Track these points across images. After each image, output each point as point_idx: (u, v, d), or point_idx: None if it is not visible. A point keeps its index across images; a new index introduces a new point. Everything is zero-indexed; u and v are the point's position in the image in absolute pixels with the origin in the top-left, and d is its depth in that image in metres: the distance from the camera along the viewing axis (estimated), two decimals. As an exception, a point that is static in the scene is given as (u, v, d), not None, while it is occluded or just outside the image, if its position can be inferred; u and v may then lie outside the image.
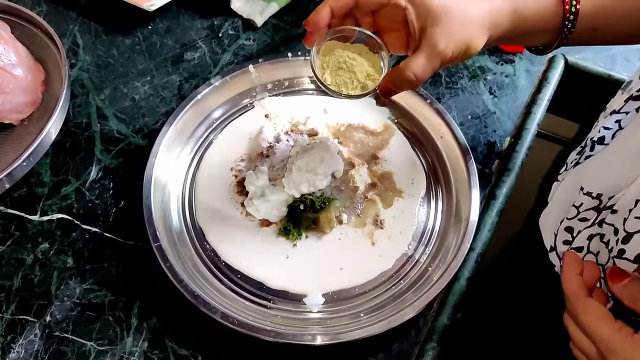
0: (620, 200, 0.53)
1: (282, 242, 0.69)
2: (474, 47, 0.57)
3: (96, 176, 0.74)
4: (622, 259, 0.51)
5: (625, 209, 0.52)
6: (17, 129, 0.75)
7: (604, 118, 0.63)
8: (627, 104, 0.58)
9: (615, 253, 0.52)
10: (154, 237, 0.64)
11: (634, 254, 0.50)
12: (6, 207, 0.71)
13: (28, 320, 0.64)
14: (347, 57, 0.61)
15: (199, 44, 0.87)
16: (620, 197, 0.53)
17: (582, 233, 0.58)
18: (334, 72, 0.61)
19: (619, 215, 0.53)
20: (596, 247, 0.56)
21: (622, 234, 0.52)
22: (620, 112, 0.58)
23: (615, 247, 0.53)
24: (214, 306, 0.60)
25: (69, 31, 0.87)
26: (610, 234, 0.54)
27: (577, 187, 0.59)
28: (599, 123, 0.63)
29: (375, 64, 0.62)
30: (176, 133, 0.73)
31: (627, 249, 0.51)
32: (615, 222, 0.53)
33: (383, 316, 0.61)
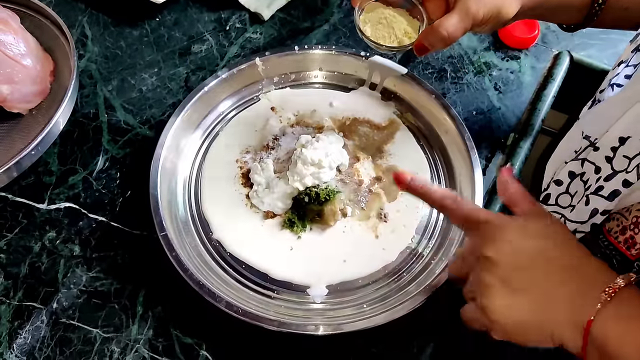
0: (602, 138, 0.54)
1: (286, 234, 0.69)
2: (505, 13, 0.60)
3: (103, 166, 0.75)
4: (598, 195, 0.53)
5: (607, 146, 0.53)
6: (26, 119, 0.75)
7: (612, 70, 0.63)
8: (635, 55, 0.58)
9: (593, 190, 0.53)
10: (160, 227, 0.65)
11: (610, 191, 0.51)
12: (14, 195, 0.72)
13: (35, 307, 0.65)
14: (388, 14, 0.68)
15: (206, 37, 0.87)
16: (604, 135, 0.54)
17: (566, 167, 0.59)
18: (374, 26, 0.68)
19: (600, 153, 0.54)
20: (575, 188, 0.58)
21: (606, 172, 0.53)
22: (629, 64, 0.58)
23: (593, 185, 0.54)
24: (218, 295, 0.60)
25: (78, 22, 0.88)
26: (590, 173, 0.55)
27: (579, 133, 0.60)
28: (609, 75, 0.64)
29: (414, 26, 0.68)
30: (183, 124, 0.73)
31: (605, 186, 0.52)
32: (597, 160, 0.54)
33: (385, 308, 0.61)
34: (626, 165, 0.51)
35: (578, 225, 0.55)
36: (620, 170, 0.51)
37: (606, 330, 0.41)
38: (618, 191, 0.51)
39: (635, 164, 0.50)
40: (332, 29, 0.89)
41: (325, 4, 0.91)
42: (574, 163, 0.59)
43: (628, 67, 0.58)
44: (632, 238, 0.49)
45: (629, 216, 0.50)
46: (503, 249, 0.45)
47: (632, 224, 0.49)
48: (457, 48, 0.87)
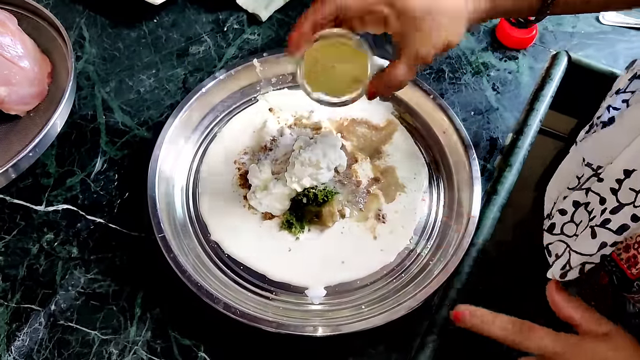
0: (607, 169, 0.54)
1: (284, 235, 0.69)
2: (454, 42, 0.59)
3: (101, 168, 0.75)
4: (605, 228, 0.52)
5: (612, 178, 0.53)
6: (24, 120, 0.75)
7: (609, 97, 0.63)
8: (631, 82, 0.58)
9: (599, 222, 0.53)
10: (158, 228, 0.65)
11: (618, 225, 0.51)
12: (12, 197, 0.72)
13: (33, 309, 0.65)
14: (331, 62, 0.62)
15: (204, 38, 0.87)
16: (607, 167, 0.54)
17: (570, 196, 0.59)
18: (318, 80, 0.63)
19: (604, 184, 0.53)
20: (580, 217, 0.57)
21: (612, 204, 0.52)
22: (626, 91, 0.58)
23: (599, 216, 0.53)
24: (216, 297, 0.60)
25: (76, 24, 0.88)
26: (595, 203, 0.54)
27: (580, 159, 0.59)
28: (605, 102, 0.64)
29: (362, 62, 0.61)
30: (181, 126, 0.73)
31: (612, 219, 0.51)
32: (602, 191, 0.54)
33: (384, 308, 0.61)
34: (633, 199, 0.50)
35: (587, 258, 0.54)
36: (627, 203, 0.51)
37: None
38: (627, 225, 0.50)
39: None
40: (330, 29, 0.88)
41: (323, 5, 0.91)
42: (578, 193, 0.58)
43: (625, 93, 0.58)
44: (634, 257, 0.49)
45: (633, 235, 0.50)
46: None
47: (636, 242, 0.49)
48: (455, 49, 0.87)
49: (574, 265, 0.56)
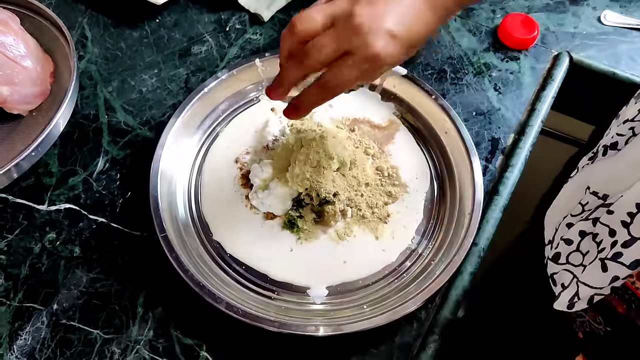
0: (618, 202, 0.53)
1: (286, 235, 0.69)
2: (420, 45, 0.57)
3: (103, 167, 0.75)
4: (617, 262, 0.51)
5: (623, 211, 0.52)
6: (26, 120, 0.75)
7: (616, 126, 0.63)
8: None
9: (610, 255, 0.52)
10: (160, 228, 0.65)
11: (631, 260, 0.50)
12: (14, 196, 0.72)
13: (35, 308, 0.65)
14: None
15: (206, 38, 0.87)
16: (618, 199, 0.53)
17: (575, 226, 0.58)
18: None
19: (614, 216, 0.53)
20: (587, 247, 0.56)
21: (624, 237, 0.51)
22: (635, 120, 0.58)
23: (609, 249, 0.52)
24: (218, 296, 0.60)
25: (78, 24, 0.88)
26: (604, 235, 0.54)
27: (584, 186, 0.59)
28: (612, 130, 0.63)
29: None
30: (183, 125, 0.73)
31: (625, 253, 0.51)
32: (611, 223, 0.53)
33: (386, 308, 0.61)
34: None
35: (597, 290, 0.54)
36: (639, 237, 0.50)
37: None
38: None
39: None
40: (331, 30, 0.88)
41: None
42: (583, 223, 0.57)
43: (634, 122, 0.58)
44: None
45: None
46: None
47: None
48: (456, 49, 0.87)
49: (583, 297, 0.55)
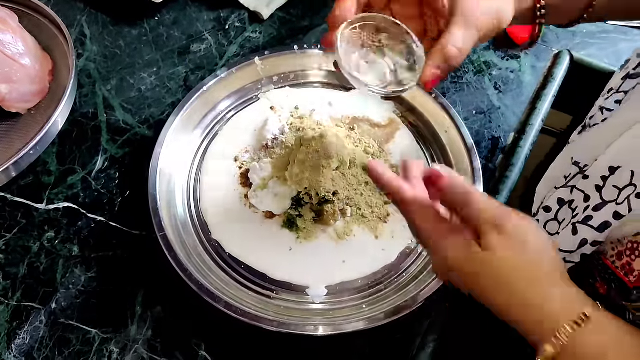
0: (592, 167, 0.54)
1: (285, 234, 0.69)
2: (504, 19, 0.55)
3: (102, 166, 0.75)
4: (587, 225, 0.52)
5: (597, 175, 0.53)
6: (25, 118, 0.75)
7: (604, 99, 0.63)
8: (624, 82, 0.58)
9: (581, 219, 0.53)
10: (159, 227, 0.65)
11: (600, 222, 0.51)
12: (13, 195, 0.72)
13: (34, 307, 0.65)
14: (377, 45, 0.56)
15: (205, 36, 0.87)
16: (593, 164, 0.54)
17: (555, 193, 0.59)
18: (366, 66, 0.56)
19: (589, 181, 0.54)
20: (563, 215, 0.57)
21: (595, 201, 0.52)
22: (619, 91, 0.58)
23: (581, 213, 0.53)
24: (217, 296, 0.60)
25: (77, 22, 0.88)
26: (580, 201, 0.55)
27: (569, 158, 0.60)
28: (598, 102, 0.64)
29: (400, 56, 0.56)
30: (182, 124, 0.73)
31: (595, 216, 0.51)
32: (587, 188, 0.54)
33: (385, 308, 0.61)
34: (616, 196, 0.50)
35: (567, 255, 0.55)
36: (610, 200, 0.51)
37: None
38: (609, 223, 0.50)
39: (625, 195, 0.49)
40: (331, 28, 0.88)
41: (324, 3, 0.91)
42: (563, 190, 0.58)
43: (618, 93, 0.58)
44: (629, 264, 0.49)
45: (624, 241, 0.50)
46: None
47: (628, 249, 0.49)
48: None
49: None
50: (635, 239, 0.48)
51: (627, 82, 0.58)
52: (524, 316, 0.44)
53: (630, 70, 0.59)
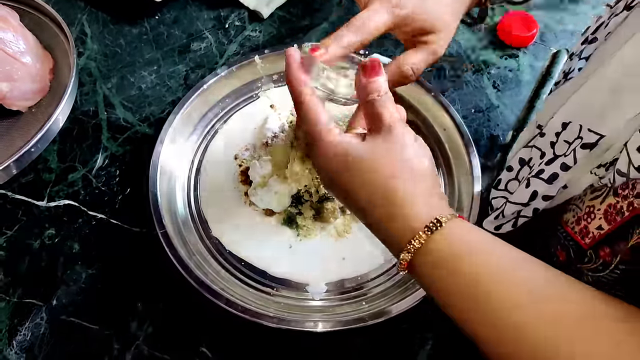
0: (549, 124, 0.56)
1: (285, 232, 0.69)
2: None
3: (103, 163, 0.75)
4: (538, 178, 0.54)
5: (552, 132, 0.55)
6: (25, 116, 0.75)
7: (565, 62, 0.65)
8: (584, 47, 0.60)
9: (534, 173, 0.55)
10: (160, 224, 0.65)
11: (549, 174, 0.53)
12: (14, 192, 0.72)
13: (35, 304, 0.65)
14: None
15: (205, 35, 0.87)
16: (550, 121, 0.56)
17: (517, 154, 0.61)
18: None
19: (545, 138, 0.56)
20: (523, 174, 0.60)
21: (548, 157, 0.54)
22: (581, 57, 0.60)
23: (536, 168, 0.55)
24: (218, 292, 0.61)
25: (77, 20, 0.88)
26: (536, 158, 0.57)
27: (534, 124, 0.62)
28: (563, 68, 0.65)
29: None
30: (182, 122, 0.73)
31: (546, 169, 0.54)
32: (543, 145, 0.56)
33: (384, 305, 0.62)
34: (565, 150, 0.52)
35: (520, 207, 0.57)
36: (560, 154, 0.53)
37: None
38: (556, 174, 0.52)
39: (573, 148, 0.51)
40: (331, 27, 0.89)
41: (324, 2, 0.91)
42: (524, 150, 0.60)
43: (581, 60, 0.59)
44: (586, 228, 0.50)
45: (582, 206, 0.51)
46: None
47: (585, 214, 0.50)
48: (455, 46, 0.87)
49: (507, 214, 0.58)
50: (591, 202, 0.50)
51: (587, 47, 0.60)
52: (386, 218, 0.47)
53: (589, 36, 0.60)
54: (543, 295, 0.41)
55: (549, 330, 0.39)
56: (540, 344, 0.39)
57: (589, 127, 0.50)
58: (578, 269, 0.50)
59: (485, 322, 0.42)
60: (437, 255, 0.45)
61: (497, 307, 0.42)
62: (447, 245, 0.45)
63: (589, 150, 0.50)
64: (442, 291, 0.46)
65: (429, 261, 0.46)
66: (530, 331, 0.39)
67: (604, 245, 0.47)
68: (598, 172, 0.50)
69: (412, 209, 0.47)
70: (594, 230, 0.49)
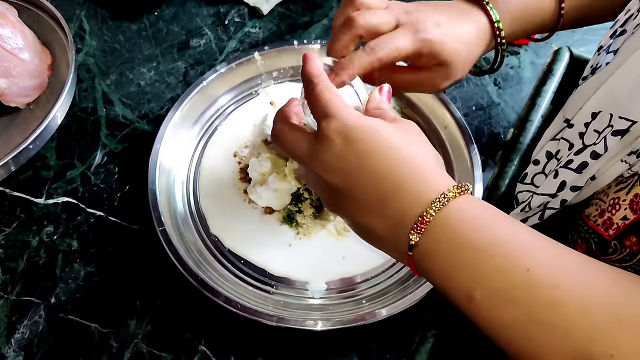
0: (577, 115, 0.55)
1: (285, 230, 0.69)
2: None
3: (101, 160, 0.75)
4: (567, 168, 0.53)
5: (580, 122, 0.54)
6: (24, 113, 0.75)
7: (593, 57, 0.64)
8: (613, 40, 0.60)
9: (563, 164, 0.54)
10: (159, 222, 0.64)
11: (579, 163, 0.52)
12: (12, 189, 0.72)
13: (33, 301, 0.65)
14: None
15: (204, 31, 0.87)
16: (578, 112, 0.55)
17: (545, 147, 0.61)
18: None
19: (574, 129, 0.55)
20: (549, 167, 0.59)
21: (577, 147, 0.54)
22: (609, 51, 0.59)
23: (565, 159, 0.54)
24: (217, 290, 0.60)
25: (76, 16, 0.87)
26: (564, 150, 0.56)
27: (561, 118, 0.61)
28: (590, 63, 0.65)
29: None
30: (181, 119, 0.73)
31: (575, 159, 0.53)
32: (571, 137, 0.56)
33: (385, 303, 0.61)
34: (595, 139, 0.52)
35: (547, 199, 0.56)
36: (590, 144, 0.52)
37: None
38: (586, 163, 0.52)
39: (603, 136, 0.51)
40: (331, 23, 0.88)
41: (324, -1, 0.91)
42: (551, 143, 0.60)
43: (609, 54, 0.59)
44: (609, 220, 0.50)
45: (606, 199, 0.51)
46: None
47: (609, 206, 0.50)
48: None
49: (534, 206, 0.57)
50: (616, 194, 0.49)
51: (616, 40, 0.59)
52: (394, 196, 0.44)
53: (618, 29, 0.60)
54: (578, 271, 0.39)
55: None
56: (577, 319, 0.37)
57: (619, 115, 0.49)
58: (600, 260, 0.50)
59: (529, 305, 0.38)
60: (459, 220, 0.42)
61: (537, 283, 0.38)
62: (471, 214, 0.43)
63: (620, 138, 0.49)
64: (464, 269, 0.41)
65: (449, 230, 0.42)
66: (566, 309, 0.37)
67: (630, 234, 0.47)
68: (629, 160, 0.49)
69: (436, 177, 0.45)
70: (618, 221, 0.48)
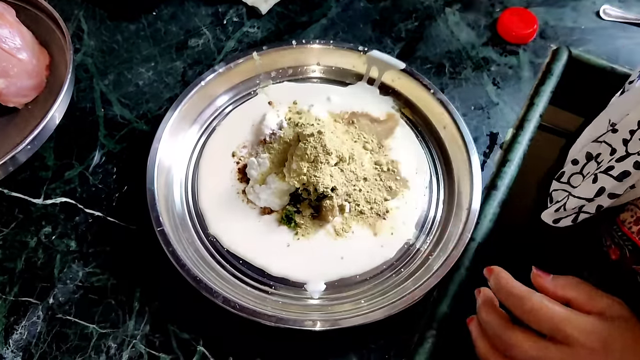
0: (623, 121, 0.54)
1: (283, 230, 0.69)
2: None
3: (100, 161, 0.74)
4: (607, 174, 0.52)
5: (626, 129, 0.53)
6: (22, 113, 0.75)
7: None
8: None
9: (603, 169, 0.53)
10: (157, 222, 0.64)
11: (620, 171, 0.51)
12: (10, 190, 0.72)
13: (31, 302, 0.65)
14: None
15: (203, 31, 0.87)
16: (624, 118, 0.54)
17: (585, 147, 0.59)
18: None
19: (618, 135, 0.54)
20: (588, 169, 0.58)
21: (620, 154, 0.53)
22: None
23: (605, 164, 0.53)
24: (215, 291, 0.60)
25: (74, 16, 0.87)
26: (605, 154, 0.55)
27: (606, 121, 0.60)
28: (638, 67, 0.64)
29: None
30: (180, 119, 0.73)
31: (616, 166, 0.52)
32: (614, 142, 0.54)
33: (383, 303, 0.61)
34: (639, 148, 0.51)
35: (584, 203, 0.55)
36: (634, 152, 0.51)
37: None
38: (628, 172, 0.50)
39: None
40: (329, 23, 0.88)
41: (323, -1, 0.91)
42: (593, 144, 0.59)
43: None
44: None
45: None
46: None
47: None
48: (455, 43, 0.86)
49: (569, 208, 0.56)
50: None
51: None
52: None
53: None
54: None
55: None
56: None
57: None
58: (632, 270, 0.50)
59: None
60: None
61: None
62: None
63: None
64: None
65: None
66: None
67: None
68: None
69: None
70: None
